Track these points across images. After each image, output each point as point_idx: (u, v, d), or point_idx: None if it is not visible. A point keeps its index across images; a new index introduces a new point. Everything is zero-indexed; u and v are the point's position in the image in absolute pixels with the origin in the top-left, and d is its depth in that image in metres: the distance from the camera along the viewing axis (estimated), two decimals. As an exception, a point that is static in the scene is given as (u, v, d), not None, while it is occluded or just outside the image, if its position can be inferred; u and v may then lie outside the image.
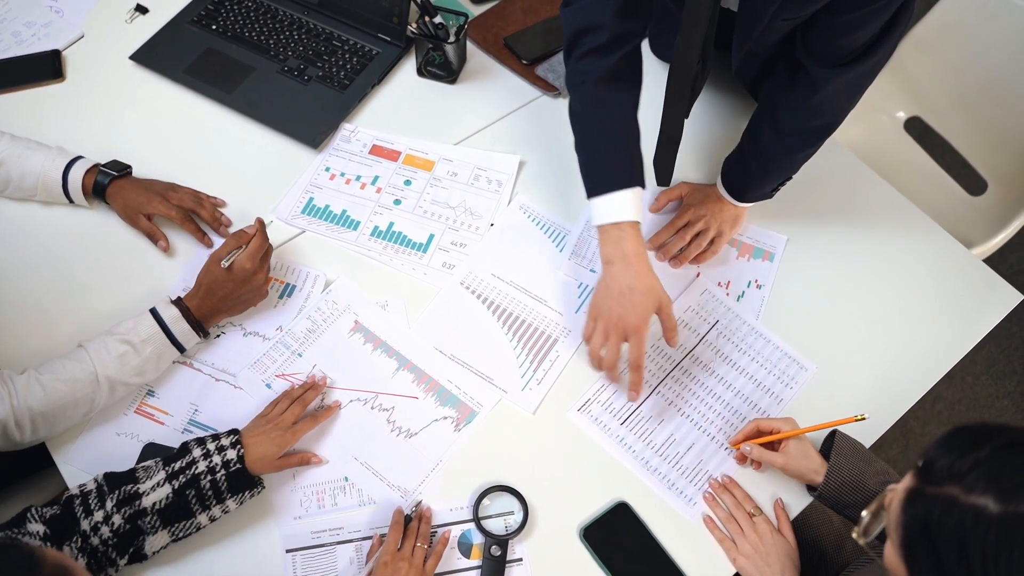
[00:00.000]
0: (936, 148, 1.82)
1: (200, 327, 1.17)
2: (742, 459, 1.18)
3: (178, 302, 1.16)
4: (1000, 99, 1.64)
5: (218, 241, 1.32)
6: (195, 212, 1.31)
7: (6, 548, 0.70)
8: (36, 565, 0.68)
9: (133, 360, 1.11)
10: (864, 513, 0.78)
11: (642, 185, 1.15)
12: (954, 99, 1.72)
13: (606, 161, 1.15)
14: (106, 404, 1.12)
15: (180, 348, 1.16)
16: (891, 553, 0.71)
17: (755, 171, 1.27)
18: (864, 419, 1.10)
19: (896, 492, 0.71)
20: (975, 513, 0.64)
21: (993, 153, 1.70)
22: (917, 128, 1.82)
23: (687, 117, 1.23)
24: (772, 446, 1.14)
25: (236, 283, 1.17)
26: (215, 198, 1.35)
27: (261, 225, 1.21)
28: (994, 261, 1.43)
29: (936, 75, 1.73)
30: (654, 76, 1.51)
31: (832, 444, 1.12)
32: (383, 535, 1.09)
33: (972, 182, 1.76)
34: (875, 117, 1.84)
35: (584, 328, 1.19)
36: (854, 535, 0.79)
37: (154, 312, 1.14)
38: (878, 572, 1.02)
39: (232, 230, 1.32)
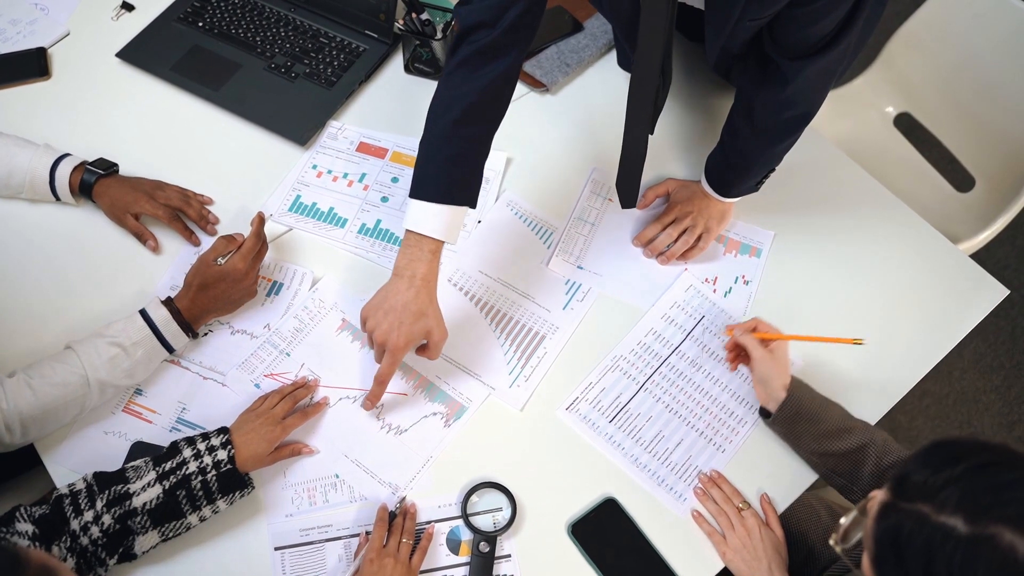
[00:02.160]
0: (924, 144, 1.82)
1: (189, 328, 1.17)
2: (733, 351, 1.21)
3: (168, 303, 1.16)
4: (989, 96, 1.65)
5: (205, 239, 1.31)
6: (182, 210, 1.31)
7: (-9, 549, 0.71)
8: (21, 566, 0.68)
9: (124, 363, 1.11)
10: (843, 520, 0.78)
11: (471, 205, 1.14)
12: (943, 95, 1.73)
13: (447, 171, 1.11)
14: (95, 405, 1.13)
15: (169, 349, 1.16)
16: (866, 565, 0.72)
17: (737, 167, 1.27)
18: (861, 343, 1.13)
19: (874, 502, 0.72)
20: (944, 532, 0.64)
21: (981, 149, 1.70)
22: (906, 124, 1.82)
23: (651, 133, 1.22)
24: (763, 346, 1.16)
25: (228, 283, 1.17)
26: (202, 196, 1.35)
27: (260, 221, 1.21)
28: (981, 257, 1.44)
29: (925, 72, 1.73)
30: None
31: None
32: (369, 532, 1.09)
33: (960, 178, 1.77)
34: (864, 113, 1.84)
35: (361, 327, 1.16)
36: (831, 542, 0.79)
37: (144, 314, 1.14)
38: (857, 580, 1.03)
39: (219, 228, 1.33)
